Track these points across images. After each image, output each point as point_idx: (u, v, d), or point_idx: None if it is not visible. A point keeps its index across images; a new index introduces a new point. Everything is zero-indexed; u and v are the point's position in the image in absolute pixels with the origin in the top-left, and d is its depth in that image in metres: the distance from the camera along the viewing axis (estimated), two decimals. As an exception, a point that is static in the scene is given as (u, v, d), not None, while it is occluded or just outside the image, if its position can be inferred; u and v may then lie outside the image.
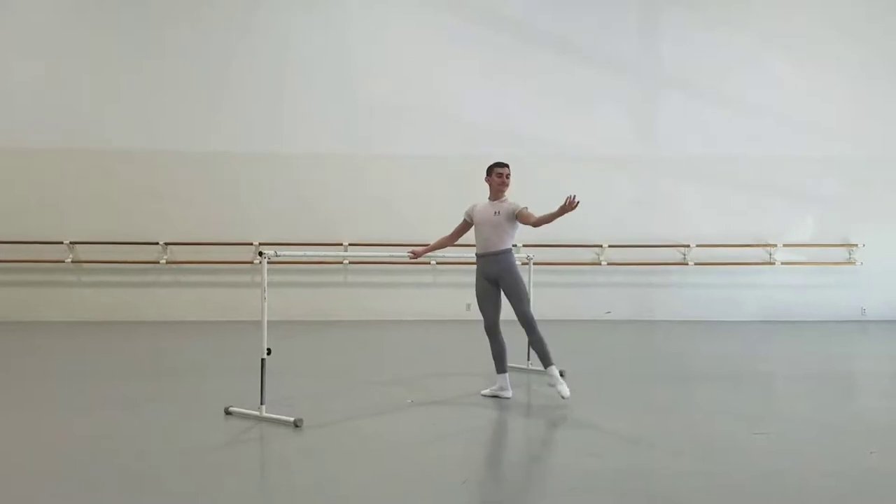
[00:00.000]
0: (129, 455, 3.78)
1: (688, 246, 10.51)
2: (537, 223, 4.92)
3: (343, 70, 10.46)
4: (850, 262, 10.64)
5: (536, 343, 5.09)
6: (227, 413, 4.61)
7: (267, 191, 10.36)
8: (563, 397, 4.92)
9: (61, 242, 10.09)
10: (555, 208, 4.72)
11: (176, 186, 10.31)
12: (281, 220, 10.30)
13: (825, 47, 10.73)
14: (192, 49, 10.37)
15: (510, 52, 10.54)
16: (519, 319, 5.10)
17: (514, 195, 5.33)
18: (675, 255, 10.61)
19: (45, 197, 10.20)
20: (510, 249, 5.19)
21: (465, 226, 5.41)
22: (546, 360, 5.05)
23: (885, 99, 10.76)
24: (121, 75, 10.34)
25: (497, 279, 5.15)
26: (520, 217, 5.06)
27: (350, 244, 10.24)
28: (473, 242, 5.30)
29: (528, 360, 6.30)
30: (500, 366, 5.25)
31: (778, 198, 10.68)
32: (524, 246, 9.43)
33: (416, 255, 5.50)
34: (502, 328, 5.26)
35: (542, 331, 5.10)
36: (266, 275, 4.60)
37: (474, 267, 5.30)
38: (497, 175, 5.21)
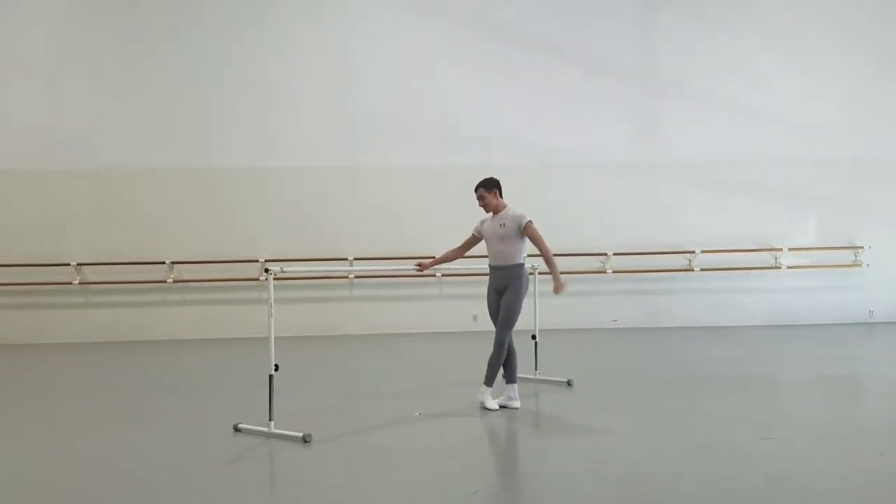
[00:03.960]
0: (138, 473, 3.79)
1: (693, 252, 10.51)
2: (544, 253, 5.15)
3: (342, 84, 10.52)
4: (856, 264, 10.60)
5: (493, 360, 5.13)
6: (236, 430, 4.63)
7: (270, 207, 10.42)
8: (486, 408, 5.11)
9: (68, 264, 10.16)
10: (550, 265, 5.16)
11: (179, 204, 10.37)
12: (285, 235, 10.35)
13: (825, 48, 10.74)
14: (192, 67, 10.46)
15: (509, 59, 10.58)
16: (495, 336, 5.12)
17: (518, 203, 5.36)
18: (680, 261, 10.59)
19: (51, 219, 10.27)
20: (522, 264, 5.20)
21: (473, 240, 5.43)
22: (490, 377, 5.15)
23: (888, 99, 10.75)
24: (121, 95, 10.41)
25: (502, 291, 5.17)
26: (527, 233, 5.10)
27: (355, 258, 10.27)
28: (479, 254, 5.31)
29: (536, 370, 6.30)
30: (510, 376, 5.25)
31: (782, 201, 10.66)
32: (528, 256, 9.42)
33: (422, 267, 5.52)
34: (513, 338, 5.26)
35: (543, 343, 5.10)
36: (272, 291, 4.63)
37: (480, 278, 5.31)
38: (476, 199, 5.29)
